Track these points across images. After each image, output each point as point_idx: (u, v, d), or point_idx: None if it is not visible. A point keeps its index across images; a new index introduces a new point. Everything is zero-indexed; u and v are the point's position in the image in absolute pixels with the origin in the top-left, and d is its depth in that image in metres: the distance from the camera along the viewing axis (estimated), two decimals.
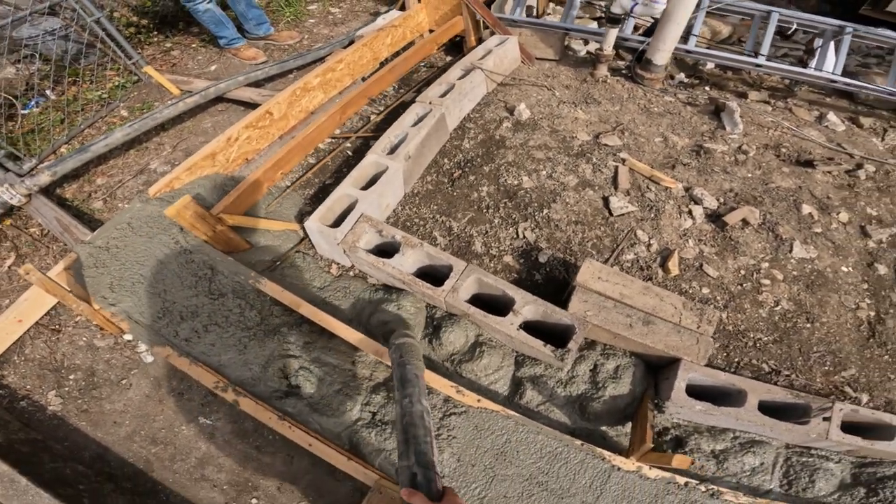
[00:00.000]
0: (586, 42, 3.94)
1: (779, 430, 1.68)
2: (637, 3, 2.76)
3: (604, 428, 1.89)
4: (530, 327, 1.87)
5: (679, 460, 1.55)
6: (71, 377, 2.12)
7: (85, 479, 1.79)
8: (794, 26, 3.36)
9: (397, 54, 3.64)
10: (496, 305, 1.99)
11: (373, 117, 3.19)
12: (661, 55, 3.02)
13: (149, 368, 2.11)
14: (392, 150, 2.48)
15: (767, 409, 1.70)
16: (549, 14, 4.54)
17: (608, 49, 3.13)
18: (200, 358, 1.84)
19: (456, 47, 3.83)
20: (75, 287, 2.05)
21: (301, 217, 2.49)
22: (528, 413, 1.87)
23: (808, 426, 1.67)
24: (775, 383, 1.93)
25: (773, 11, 3.34)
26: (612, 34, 3.05)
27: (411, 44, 3.77)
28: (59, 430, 1.97)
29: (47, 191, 2.61)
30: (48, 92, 3.21)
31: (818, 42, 3.26)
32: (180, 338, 1.88)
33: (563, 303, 1.92)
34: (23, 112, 3.07)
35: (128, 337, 2.17)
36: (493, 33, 3.72)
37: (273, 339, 1.90)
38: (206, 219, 2.04)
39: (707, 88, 3.48)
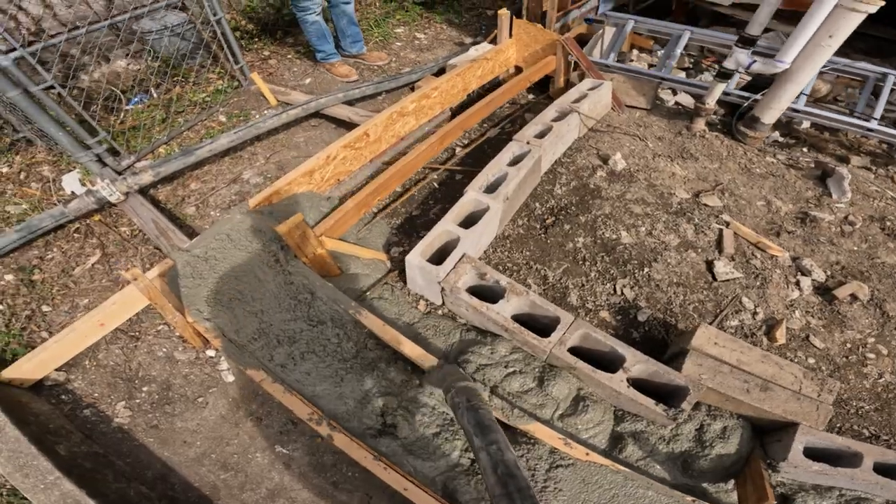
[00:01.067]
0: (675, 92, 3.86)
1: (890, 488, 1.70)
2: (755, 61, 2.66)
3: (705, 485, 1.85)
4: (636, 384, 1.83)
5: None
6: (144, 389, 2.05)
7: (147, 502, 1.68)
8: None
9: (483, 87, 3.67)
10: (598, 360, 1.92)
11: (458, 150, 3.18)
12: (771, 114, 2.91)
13: (228, 388, 2.05)
14: (489, 189, 2.43)
15: (879, 469, 1.71)
16: (632, 60, 4.50)
17: (711, 103, 3.04)
18: (294, 386, 1.78)
19: (538, 86, 3.81)
20: (170, 296, 2.03)
21: (388, 247, 2.45)
22: (626, 467, 1.81)
23: None
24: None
25: (888, 74, 3.20)
26: (719, 89, 2.96)
27: (496, 78, 3.79)
28: (122, 445, 1.87)
29: (143, 192, 2.65)
30: (153, 90, 3.31)
31: None
32: (275, 363, 1.83)
33: (665, 362, 1.89)
34: (127, 108, 3.17)
35: (210, 353, 2.14)
36: (581, 76, 3.70)
37: (371, 374, 1.83)
38: (311, 240, 2.01)
39: (805, 150, 3.34)
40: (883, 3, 2.25)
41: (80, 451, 1.74)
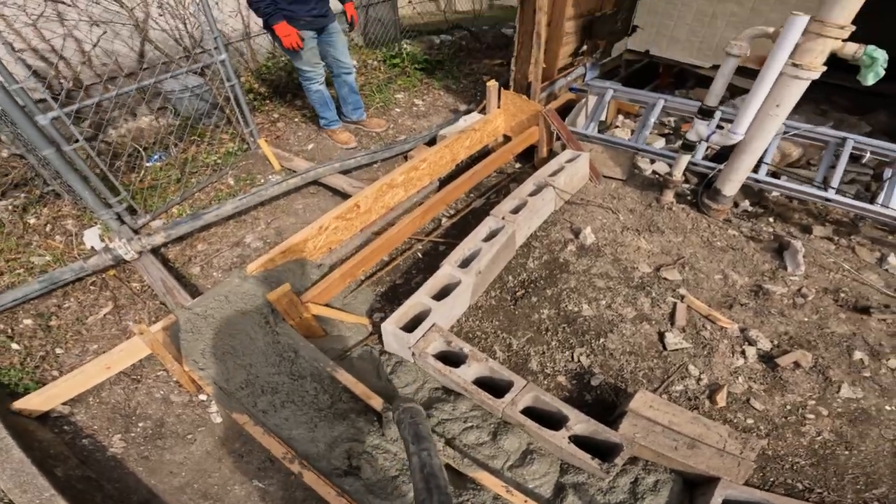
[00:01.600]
0: (653, 161, 4.12)
1: None
2: (714, 133, 2.88)
3: None
4: (578, 441, 2.02)
5: None
6: (140, 424, 2.26)
7: None
8: (868, 154, 3.28)
9: (472, 156, 3.98)
10: (548, 419, 2.13)
11: (444, 220, 3.45)
12: (731, 186, 3.11)
13: (216, 428, 2.27)
14: (464, 262, 2.69)
15: None
16: (617, 126, 4.80)
17: (678, 175, 3.27)
18: (273, 429, 2.02)
19: (525, 154, 4.08)
20: (170, 347, 2.29)
21: (371, 312, 2.70)
22: None
23: None
24: (808, 500, 2.06)
25: (847, 139, 3.32)
26: (684, 160, 3.19)
27: (485, 147, 4.10)
28: (113, 472, 2.07)
29: (154, 250, 2.95)
30: (172, 148, 3.67)
31: (888, 172, 3.21)
32: (258, 409, 2.09)
33: (610, 423, 2.09)
34: (147, 164, 3.52)
35: (202, 397, 2.38)
36: (563, 146, 4.00)
37: (342, 422, 2.08)
38: (297, 306, 2.27)
39: (771, 220, 3.52)
40: (825, 69, 2.41)
41: (75, 475, 1.94)
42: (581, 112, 4.59)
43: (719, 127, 2.97)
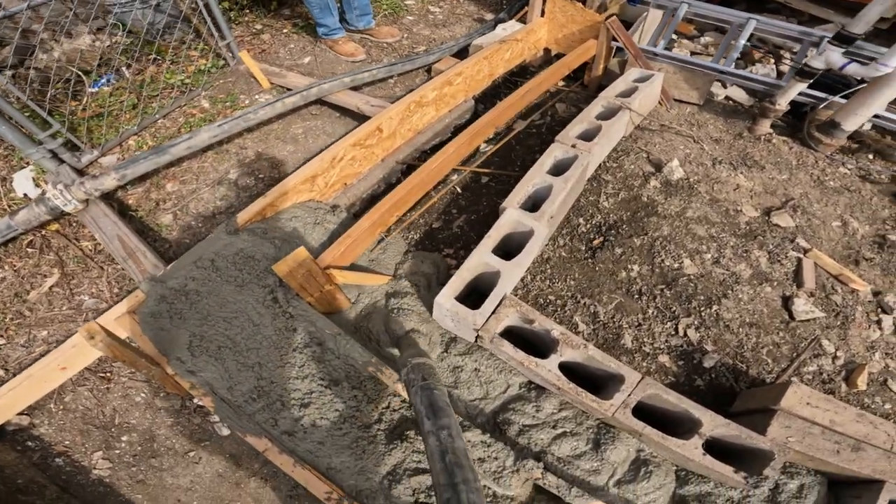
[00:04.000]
0: (724, 85, 3.41)
1: None
2: (851, 62, 2.23)
3: None
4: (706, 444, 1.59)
5: None
6: (123, 438, 1.74)
7: None
8: None
9: (509, 73, 3.19)
10: (661, 417, 1.65)
11: (483, 146, 2.74)
12: (856, 120, 2.50)
13: (223, 443, 1.72)
14: (529, 203, 2.02)
15: None
16: (675, 47, 4.01)
17: (784, 104, 2.61)
18: (306, 458, 1.40)
19: (570, 72, 3.34)
20: (142, 339, 1.63)
21: (409, 275, 2.04)
22: None
23: None
24: None
25: None
26: (796, 89, 2.53)
27: (524, 62, 3.31)
28: (107, 501, 1.63)
29: (108, 195, 2.20)
30: (125, 70, 2.79)
31: None
32: (280, 429, 1.44)
33: (731, 415, 1.71)
34: (91, 90, 2.66)
35: (197, 401, 1.76)
36: (621, 64, 3.23)
37: (400, 444, 1.45)
38: (317, 277, 1.59)
39: (871, 157, 2.94)
40: None
41: None
42: (639, 28, 3.76)
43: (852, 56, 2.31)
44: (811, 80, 2.46)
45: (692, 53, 3.75)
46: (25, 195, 2.29)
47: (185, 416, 1.78)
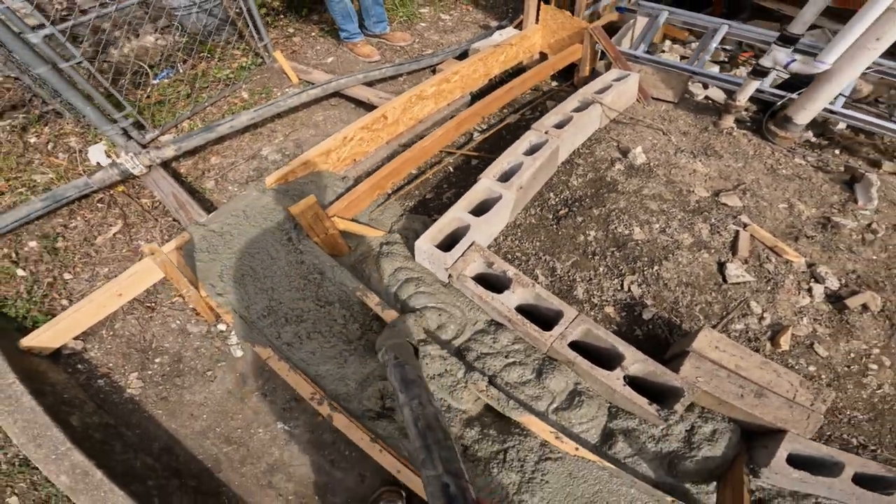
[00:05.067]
0: (706, 86, 3.73)
1: (865, 499, 1.70)
2: (794, 60, 2.54)
3: (687, 485, 1.85)
4: (631, 382, 1.85)
5: None
6: (157, 360, 2.09)
7: (153, 474, 1.72)
8: None
9: (506, 73, 3.61)
10: (596, 355, 1.93)
11: (476, 135, 3.16)
12: (806, 114, 2.80)
13: (236, 363, 2.10)
14: (504, 177, 2.42)
15: (858, 480, 1.73)
16: (664, 51, 4.35)
17: (743, 101, 2.93)
18: (300, 365, 1.83)
19: (562, 74, 3.74)
20: (185, 269, 2.11)
21: (401, 230, 2.48)
22: (615, 463, 1.85)
23: (892, 497, 1.70)
24: (860, 456, 1.92)
25: None
26: (752, 86, 2.85)
27: (520, 64, 3.72)
28: (132, 416, 1.92)
29: (165, 164, 2.72)
30: (179, 65, 3.37)
31: None
32: (282, 341, 1.88)
33: (664, 362, 1.89)
34: (154, 82, 3.23)
35: (221, 327, 2.20)
36: (607, 66, 3.60)
37: (374, 357, 1.87)
38: (323, 220, 2.05)
39: (837, 152, 3.20)
40: None
41: (92, 422, 1.78)
42: (627, 34, 4.14)
43: (801, 53, 2.63)
44: (763, 78, 2.78)
45: (682, 57, 4.09)
46: (98, 164, 2.84)
47: (210, 339, 2.16)
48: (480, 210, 2.29)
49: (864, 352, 2.14)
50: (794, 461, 1.75)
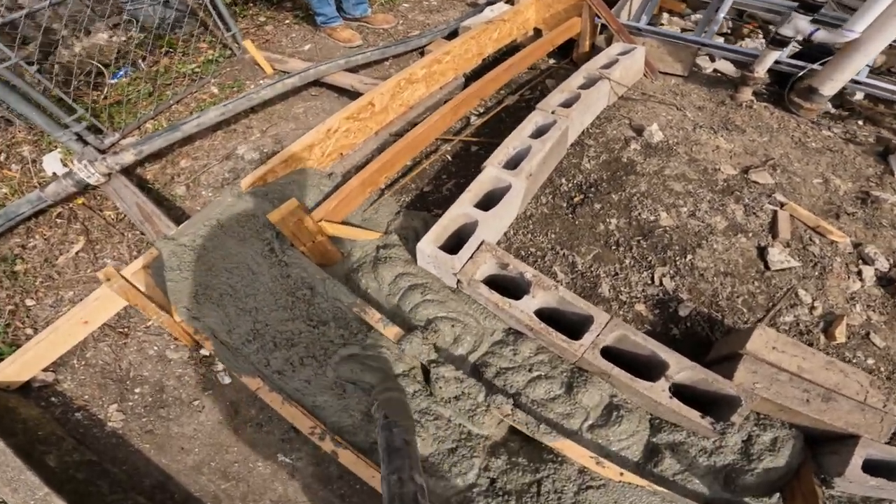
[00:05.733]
0: (713, 59, 3.48)
1: None
2: (818, 29, 2.31)
3: (747, 499, 1.63)
4: (675, 390, 1.62)
5: None
6: (136, 390, 1.88)
7: None
8: None
9: (500, 51, 3.33)
10: (632, 361, 1.69)
11: (473, 119, 2.88)
12: (832, 85, 2.56)
13: (225, 391, 1.86)
14: (510, 164, 2.15)
15: None
16: (662, 24, 4.09)
17: (761, 72, 2.69)
18: (294, 396, 1.56)
19: (560, 51, 3.46)
20: (155, 291, 1.81)
21: (399, 230, 2.20)
22: (661, 482, 1.63)
23: None
24: None
25: None
26: (771, 57, 2.60)
27: (515, 42, 3.44)
28: (118, 451, 1.74)
29: (128, 171, 2.41)
30: (140, 62, 3.03)
31: None
32: (272, 369, 1.60)
33: (707, 364, 1.67)
34: (110, 81, 2.90)
35: (204, 351, 1.93)
36: (608, 40, 3.33)
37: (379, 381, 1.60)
38: (309, 227, 1.76)
39: (860, 123, 2.98)
40: None
41: (73, 461, 1.60)
42: (625, 7, 3.86)
43: (821, 23, 2.41)
44: (783, 49, 2.54)
45: (682, 30, 3.83)
46: (54, 174, 2.52)
47: (192, 366, 1.92)
48: (487, 202, 2.02)
49: None
50: (869, 467, 1.55)
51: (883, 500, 1.64)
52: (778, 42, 2.50)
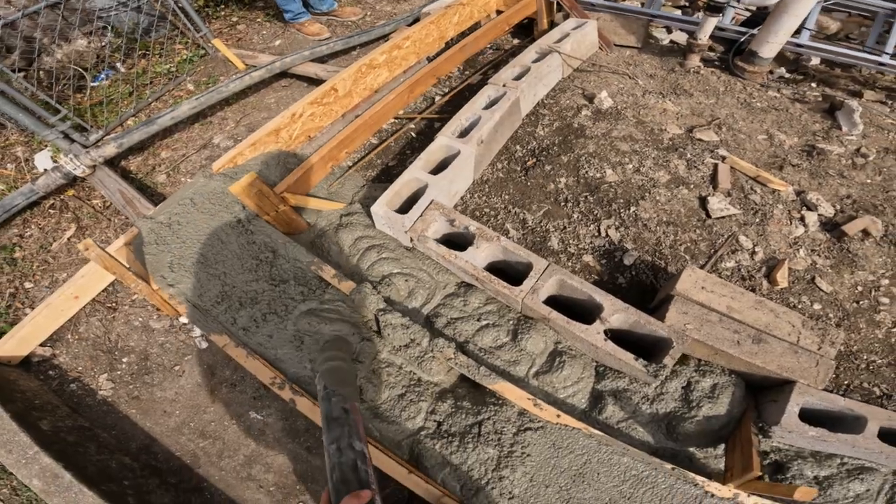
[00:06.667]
0: (670, 30, 3.60)
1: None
2: None
3: (692, 449, 1.66)
4: (615, 336, 1.68)
5: (803, 492, 1.28)
6: (124, 360, 2.04)
7: (130, 474, 1.68)
8: None
9: (463, 35, 3.46)
10: (576, 309, 1.79)
11: (437, 98, 3.02)
12: (769, 48, 2.69)
13: (203, 355, 2.01)
14: (463, 134, 2.29)
15: (885, 436, 1.50)
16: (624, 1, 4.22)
17: (704, 38, 2.81)
18: (257, 350, 1.71)
19: (524, 30, 3.60)
20: (135, 264, 1.98)
21: (362, 200, 2.35)
22: (606, 429, 1.68)
23: None
24: (885, 408, 1.67)
25: None
26: (711, 23, 2.73)
27: (477, 24, 3.58)
28: (107, 418, 1.89)
29: (112, 163, 2.58)
30: (118, 65, 3.22)
31: None
32: (238, 326, 1.75)
33: (650, 311, 1.73)
34: (92, 84, 3.08)
35: (184, 320, 2.09)
36: (566, 17, 3.46)
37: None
38: (270, 197, 1.91)
39: (814, 85, 3.08)
40: None
41: (65, 426, 1.76)
42: None
43: None
44: (720, 15, 2.66)
45: (642, 3, 3.96)
46: (45, 170, 2.71)
47: (173, 333, 2.08)
48: (440, 169, 2.16)
49: (871, 283, 1.99)
50: (809, 417, 1.54)
51: (832, 455, 1.60)
52: (713, 8, 2.63)
